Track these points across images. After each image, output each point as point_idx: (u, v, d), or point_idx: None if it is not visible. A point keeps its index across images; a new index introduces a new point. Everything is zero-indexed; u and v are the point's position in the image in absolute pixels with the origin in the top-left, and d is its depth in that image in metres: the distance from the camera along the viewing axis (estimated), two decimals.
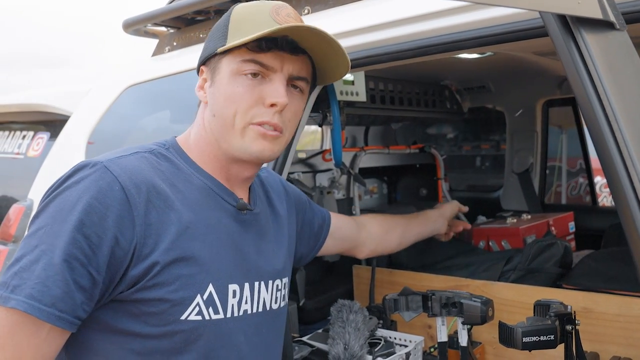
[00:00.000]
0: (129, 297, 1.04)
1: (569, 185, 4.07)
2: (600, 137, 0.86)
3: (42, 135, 3.20)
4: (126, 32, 2.34)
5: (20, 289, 0.95)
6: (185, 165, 1.17)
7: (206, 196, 1.16)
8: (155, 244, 1.04)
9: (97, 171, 1.03)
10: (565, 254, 1.94)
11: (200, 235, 1.11)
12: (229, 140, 1.14)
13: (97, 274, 0.99)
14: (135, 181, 1.05)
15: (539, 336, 1.23)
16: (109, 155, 1.10)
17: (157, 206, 1.06)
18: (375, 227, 1.77)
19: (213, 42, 1.16)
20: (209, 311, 1.10)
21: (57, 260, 0.96)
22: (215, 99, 1.15)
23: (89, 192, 1.00)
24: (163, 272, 1.04)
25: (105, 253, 0.99)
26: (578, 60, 0.90)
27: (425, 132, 3.76)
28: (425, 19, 1.43)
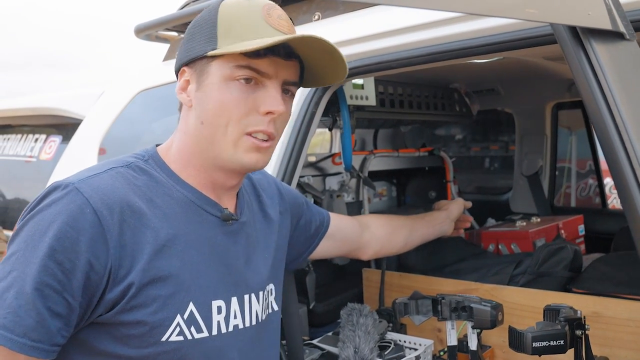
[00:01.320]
0: (109, 320, 1.02)
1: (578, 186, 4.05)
2: (610, 146, 0.87)
3: (54, 138, 3.22)
4: (138, 37, 2.36)
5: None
6: (165, 178, 1.12)
7: (186, 210, 1.11)
8: (131, 265, 1.01)
9: (69, 194, 1.00)
10: (575, 257, 1.94)
11: (179, 253, 1.07)
12: (219, 149, 1.10)
13: (73, 300, 0.97)
14: (108, 202, 1.01)
15: (548, 341, 1.24)
16: (82, 173, 1.06)
17: (131, 225, 1.02)
18: (379, 228, 1.73)
19: (199, 43, 1.09)
20: (190, 330, 1.07)
21: (28, 289, 0.94)
22: (204, 105, 1.09)
23: (60, 216, 0.97)
24: (140, 294, 1.01)
25: (79, 278, 0.96)
26: (588, 70, 0.90)
27: (435, 134, 3.76)
28: (435, 26, 1.43)
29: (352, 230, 1.65)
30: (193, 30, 1.13)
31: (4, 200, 3.63)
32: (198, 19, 1.13)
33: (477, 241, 2.36)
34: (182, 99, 1.14)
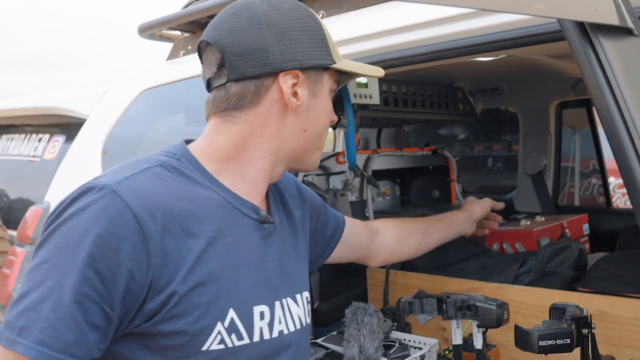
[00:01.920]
0: (146, 330, 0.96)
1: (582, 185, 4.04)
2: (619, 142, 0.86)
3: (57, 138, 3.23)
4: (141, 36, 2.36)
5: (28, 332, 0.87)
6: (200, 178, 1.07)
7: (225, 211, 1.07)
8: (172, 274, 0.96)
9: (105, 196, 0.93)
10: (580, 256, 1.93)
11: (219, 257, 1.02)
12: (309, 156, 1.16)
13: (112, 311, 0.91)
14: (149, 206, 0.95)
15: (555, 340, 1.23)
16: (116, 173, 1.00)
17: (173, 232, 0.97)
18: (389, 234, 1.66)
19: (314, 49, 1.10)
20: (231, 338, 1.02)
21: (66, 300, 0.88)
22: (314, 114, 1.12)
23: (98, 222, 0.91)
24: (181, 302, 0.96)
25: (119, 289, 0.91)
26: (596, 66, 0.90)
27: (438, 133, 3.76)
28: (439, 24, 1.43)
29: (363, 236, 1.58)
30: (293, 32, 1.09)
31: (8, 199, 3.64)
32: (298, 19, 1.10)
33: (481, 240, 2.35)
34: (291, 102, 1.10)
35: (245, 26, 1.07)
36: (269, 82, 1.08)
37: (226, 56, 1.07)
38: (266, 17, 1.07)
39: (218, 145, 1.11)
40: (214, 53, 1.09)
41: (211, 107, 1.12)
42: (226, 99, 1.09)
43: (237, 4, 1.11)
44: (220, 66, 1.08)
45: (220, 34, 1.08)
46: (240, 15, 1.08)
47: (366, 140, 3.07)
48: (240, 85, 1.08)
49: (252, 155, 1.11)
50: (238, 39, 1.06)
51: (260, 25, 1.06)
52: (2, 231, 3.08)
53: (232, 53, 1.06)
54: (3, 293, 2.48)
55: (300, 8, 1.11)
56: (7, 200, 3.62)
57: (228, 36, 1.07)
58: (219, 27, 1.09)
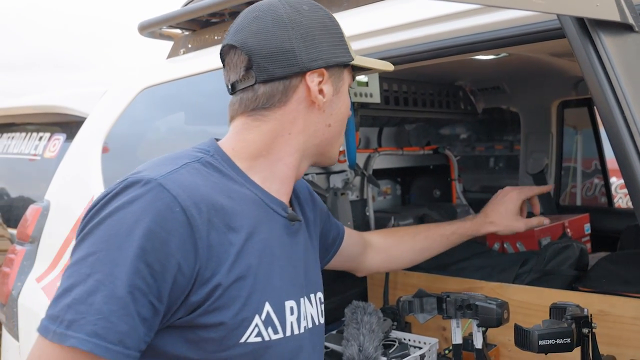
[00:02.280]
0: (188, 323, 0.97)
1: (584, 186, 4.04)
2: (619, 140, 0.86)
3: (58, 136, 3.24)
4: (141, 35, 2.36)
5: (79, 324, 0.87)
6: (234, 174, 1.10)
7: (258, 208, 1.09)
8: (216, 267, 0.97)
9: (153, 190, 0.94)
10: (581, 256, 1.92)
11: (256, 252, 1.04)
12: (332, 150, 1.21)
13: (159, 304, 0.92)
14: (195, 200, 0.97)
15: (555, 339, 1.22)
16: (156, 168, 1.00)
17: (216, 226, 0.99)
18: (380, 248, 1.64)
19: (335, 46, 1.14)
20: (268, 332, 1.04)
21: (120, 292, 0.88)
22: (337, 109, 1.17)
23: (147, 214, 0.92)
24: (224, 295, 0.98)
25: (168, 281, 0.92)
26: (596, 62, 0.89)
27: (439, 133, 3.75)
28: (440, 21, 1.42)
29: (358, 248, 1.59)
30: (315, 32, 1.12)
31: (8, 198, 3.64)
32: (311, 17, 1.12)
33: (482, 239, 2.34)
34: (318, 100, 1.13)
35: (269, 29, 1.09)
36: (296, 82, 1.12)
37: (254, 59, 1.09)
38: (290, 19, 1.10)
39: (248, 142, 1.13)
40: (239, 56, 1.11)
41: (238, 108, 1.15)
42: (254, 100, 1.12)
43: (258, 7, 1.13)
44: (248, 68, 1.10)
45: (245, 37, 1.10)
46: (264, 18, 1.10)
47: (367, 139, 3.06)
48: (269, 86, 1.11)
49: (281, 152, 1.15)
50: (264, 42, 1.09)
51: (285, 27, 1.09)
52: (3, 229, 3.08)
53: (259, 55, 1.09)
54: (3, 291, 2.48)
55: (318, 9, 1.15)
56: (7, 199, 3.63)
57: (254, 39, 1.09)
58: (243, 31, 1.11)
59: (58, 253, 2.30)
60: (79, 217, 2.23)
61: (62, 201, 2.44)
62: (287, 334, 1.08)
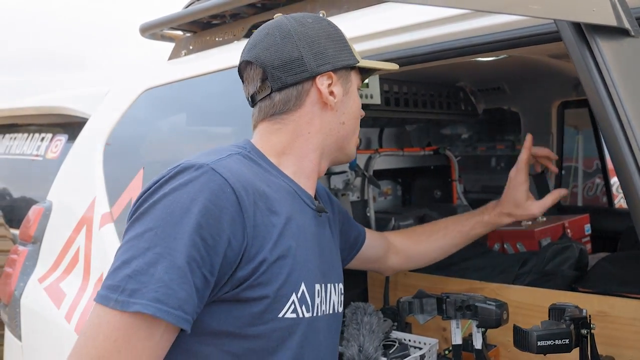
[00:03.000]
0: (232, 297, 1.05)
1: (585, 186, 4.04)
2: (615, 144, 0.86)
3: (60, 137, 3.24)
4: (143, 36, 2.36)
5: (141, 292, 0.94)
6: (270, 168, 1.21)
7: (292, 198, 1.20)
8: (260, 245, 1.06)
9: (206, 173, 1.04)
10: (581, 256, 1.93)
11: (293, 235, 1.14)
12: (348, 146, 1.31)
13: (210, 276, 1.00)
14: (243, 183, 1.06)
15: (553, 340, 1.23)
16: (204, 157, 1.10)
17: (260, 208, 1.08)
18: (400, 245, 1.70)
19: (340, 52, 1.24)
20: (302, 309, 1.13)
21: (180, 262, 0.96)
22: (348, 108, 1.28)
23: (202, 193, 1.01)
24: (268, 270, 1.06)
25: (220, 255, 1.00)
26: (592, 67, 0.90)
27: (440, 133, 3.75)
28: (439, 24, 1.43)
29: (379, 251, 1.66)
30: (320, 40, 1.23)
31: (11, 199, 3.65)
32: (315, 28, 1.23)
33: (482, 240, 2.34)
34: (329, 101, 1.24)
35: (279, 42, 1.21)
36: (308, 86, 1.23)
37: (267, 70, 1.21)
38: (296, 31, 1.21)
39: (273, 143, 1.24)
40: (255, 70, 1.23)
41: (258, 115, 1.27)
42: (272, 107, 1.23)
43: (268, 26, 1.25)
44: (263, 80, 1.22)
45: (259, 53, 1.22)
46: (273, 34, 1.22)
47: (368, 140, 3.07)
48: (283, 93, 1.22)
49: (304, 149, 1.25)
50: (275, 54, 1.20)
51: (292, 38, 1.21)
52: (5, 230, 3.09)
53: (272, 67, 1.20)
54: (5, 291, 2.49)
55: (321, 20, 1.27)
56: (10, 199, 3.64)
57: (266, 53, 1.21)
58: (257, 47, 1.23)
59: (60, 253, 2.31)
60: (82, 217, 2.24)
61: (64, 202, 2.45)
62: (314, 314, 1.17)
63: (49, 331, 2.23)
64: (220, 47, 2.18)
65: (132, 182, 2.12)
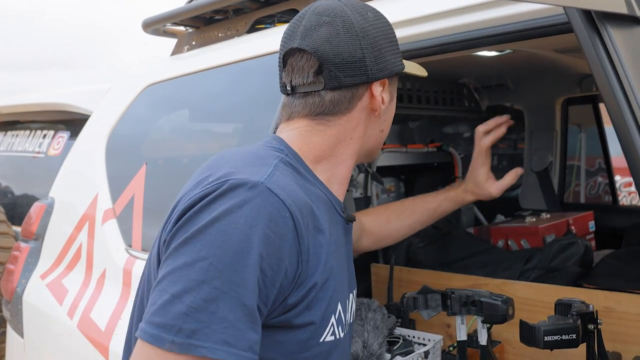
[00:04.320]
0: (279, 324, 0.97)
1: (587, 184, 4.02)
2: (627, 134, 0.85)
3: (62, 134, 3.24)
4: (145, 32, 2.36)
5: (203, 333, 0.84)
6: (309, 176, 1.11)
7: (328, 209, 1.12)
8: (311, 268, 0.99)
9: (262, 194, 0.93)
10: (586, 253, 1.92)
11: (333, 253, 1.07)
12: (377, 152, 1.27)
13: (265, 308, 0.92)
14: (299, 205, 0.97)
15: (560, 335, 1.22)
16: (252, 168, 0.99)
17: (311, 229, 1.00)
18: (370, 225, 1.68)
19: (395, 55, 1.17)
20: (338, 330, 1.08)
21: (246, 299, 0.87)
22: (389, 115, 1.22)
23: (261, 219, 0.91)
24: (317, 296, 1.00)
25: (276, 287, 0.92)
26: (603, 56, 0.88)
27: (443, 130, 3.74)
28: (443, 17, 1.42)
29: (356, 234, 1.59)
30: (381, 42, 1.14)
31: (13, 196, 3.65)
32: (376, 25, 1.14)
33: (487, 237, 2.34)
34: (380, 108, 1.17)
35: (342, 36, 1.09)
36: (362, 90, 1.14)
37: (325, 65, 1.09)
38: (360, 27, 1.11)
39: (314, 145, 1.14)
40: (309, 60, 1.11)
41: (301, 110, 1.15)
42: (321, 105, 1.13)
43: (327, 11, 1.12)
44: (317, 74, 1.11)
45: (318, 43, 1.10)
46: (335, 24, 1.10)
47: None
48: (337, 93, 1.12)
49: (342, 155, 1.17)
50: (337, 49, 1.09)
51: (357, 36, 1.10)
52: (7, 227, 3.09)
53: (332, 63, 1.09)
54: (7, 288, 2.48)
55: (380, 16, 1.18)
56: (12, 197, 3.63)
57: (327, 46, 1.09)
58: (314, 36, 1.10)
59: (62, 250, 2.30)
60: (84, 214, 2.23)
61: (66, 198, 2.45)
62: (346, 330, 1.13)
63: (51, 328, 2.22)
64: (223, 43, 2.16)
65: (134, 178, 2.11)
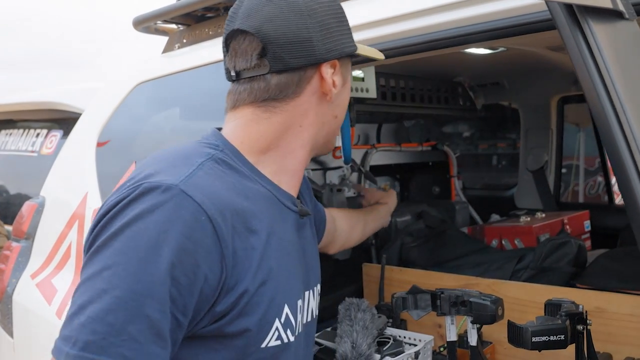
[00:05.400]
0: (211, 333, 0.93)
1: (587, 184, 4.00)
2: (608, 131, 0.83)
3: (55, 133, 3.24)
4: (136, 30, 2.34)
5: (99, 346, 0.79)
6: (247, 170, 1.04)
7: (272, 206, 1.06)
8: (240, 273, 0.93)
9: (175, 197, 0.87)
10: (579, 252, 1.90)
11: (274, 254, 1.01)
12: (333, 139, 1.18)
13: (183, 317, 0.87)
14: (219, 206, 0.91)
15: (548, 336, 1.20)
16: (171, 169, 0.93)
17: (239, 231, 0.94)
18: (343, 222, 1.67)
19: (345, 37, 1.10)
20: (287, 333, 1.02)
21: (148, 310, 0.82)
22: (342, 100, 1.15)
23: (173, 225, 0.85)
24: (250, 302, 0.94)
25: (194, 295, 0.87)
26: (585, 51, 0.86)
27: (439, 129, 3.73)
28: (432, 13, 1.40)
29: (331, 224, 1.58)
30: (330, 21, 1.07)
31: (6, 195, 3.64)
32: (324, 4, 1.08)
33: (481, 236, 2.33)
34: (331, 92, 1.10)
35: (286, 15, 1.03)
36: (311, 73, 1.07)
37: (269, 47, 1.02)
38: (306, 6, 1.04)
39: (258, 135, 1.08)
40: (251, 42, 1.04)
41: (246, 97, 1.07)
42: (266, 90, 1.06)
43: None
44: (261, 56, 1.03)
45: (260, 23, 1.02)
46: (278, 2, 1.04)
47: (367, 135, 3.04)
48: (283, 76, 1.05)
49: (292, 145, 1.10)
50: (281, 29, 1.02)
51: (302, 14, 1.03)
52: (0, 226, 3.07)
53: (276, 44, 1.02)
54: None
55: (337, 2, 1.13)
56: (5, 196, 3.63)
57: (269, 25, 1.02)
58: (256, 15, 1.03)
59: (53, 249, 2.29)
60: (74, 213, 2.22)
61: (57, 197, 2.43)
62: (297, 332, 1.06)
63: (40, 328, 2.21)
64: (214, 40, 2.15)
65: (124, 176, 2.09)
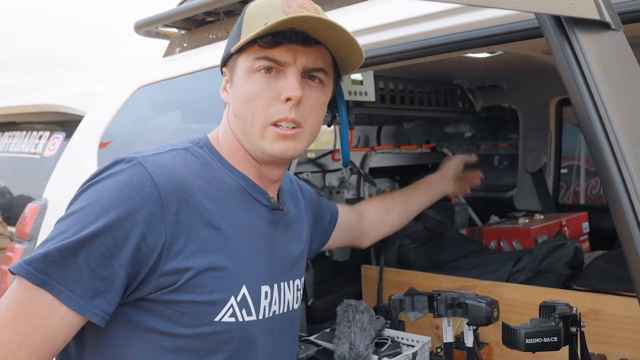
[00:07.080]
0: (161, 299, 1.03)
1: (588, 185, 4.01)
2: (594, 138, 0.85)
3: (57, 135, 3.26)
4: (137, 34, 2.36)
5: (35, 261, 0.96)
6: (219, 165, 1.16)
7: (239, 196, 1.15)
8: (185, 243, 1.03)
9: (132, 167, 1.03)
10: (576, 254, 1.91)
11: (233, 237, 1.11)
12: (251, 141, 1.14)
13: (120, 267, 0.99)
14: (170, 178, 1.04)
15: (542, 338, 1.22)
16: (146, 152, 1.10)
17: (189, 205, 1.05)
18: (374, 214, 1.75)
19: (230, 42, 1.18)
20: (242, 313, 1.10)
21: (75, 246, 0.96)
22: (235, 99, 1.15)
23: (120, 186, 1.00)
24: (197, 276, 1.04)
25: (129, 248, 0.99)
26: (572, 61, 0.88)
27: (438, 131, 3.74)
28: (430, 19, 1.42)
29: (354, 219, 1.68)
30: (230, 34, 1.20)
31: (9, 196, 3.66)
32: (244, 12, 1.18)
33: (479, 238, 2.34)
34: (223, 98, 1.21)
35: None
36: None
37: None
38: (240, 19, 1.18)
39: (227, 133, 1.20)
40: None
41: None
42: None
43: None
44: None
45: None
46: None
47: (366, 137, 3.06)
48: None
49: (233, 146, 1.20)
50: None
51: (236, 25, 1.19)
52: (2, 228, 3.09)
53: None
54: (2, 289, 2.49)
55: (244, 10, 1.17)
56: (8, 197, 3.65)
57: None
58: None
59: None
60: None
61: (60, 199, 2.45)
62: (259, 317, 1.14)
63: None
64: (215, 44, 2.17)
65: None
